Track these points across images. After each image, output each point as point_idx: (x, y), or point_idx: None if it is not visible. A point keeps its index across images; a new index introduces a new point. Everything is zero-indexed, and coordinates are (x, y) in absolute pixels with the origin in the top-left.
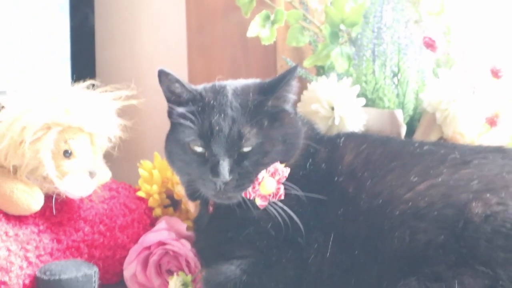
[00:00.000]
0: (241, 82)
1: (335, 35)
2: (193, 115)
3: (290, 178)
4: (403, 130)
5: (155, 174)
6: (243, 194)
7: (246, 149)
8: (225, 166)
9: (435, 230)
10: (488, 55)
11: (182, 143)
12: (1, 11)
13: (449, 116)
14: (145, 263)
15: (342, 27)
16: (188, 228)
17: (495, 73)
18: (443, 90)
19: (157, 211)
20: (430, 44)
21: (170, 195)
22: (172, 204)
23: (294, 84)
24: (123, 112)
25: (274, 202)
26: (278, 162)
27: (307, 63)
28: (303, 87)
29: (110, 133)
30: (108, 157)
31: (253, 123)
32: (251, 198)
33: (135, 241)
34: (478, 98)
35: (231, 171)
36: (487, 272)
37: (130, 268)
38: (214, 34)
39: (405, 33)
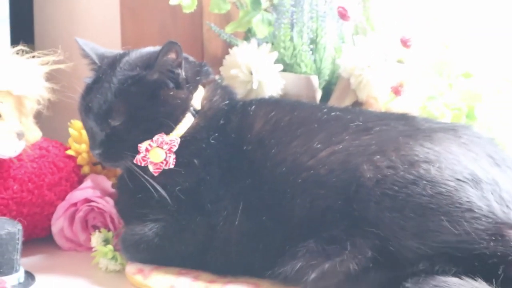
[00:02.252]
0: (143, 52)
1: (256, 2)
2: (84, 88)
3: (190, 149)
4: (318, 95)
5: (84, 133)
6: (135, 161)
7: (115, 123)
8: (95, 139)
9: (334, 196)
10: (404, 23)
11: (79, 112)
12: None
13: (362, 81)
14: (71, 219)
15: None
16: (113, 186)
17: (404, 43)
18: (358, 57)
19: (85, 169)
20: (343, 14)
21: None
22: None
23: (172, 58)
24: (53, 76)
25: (148, 178)
26: (163, 133)
27: (228, 29)
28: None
29: (39, 96)
30: (41, 116)
31: (124, 100)
32: (143, 165)
33: (63, 198)
34: (390, 65)
35: (101, 144)
36: (377, 233)
37: (58, 224)
38: None
39: (323, 1)
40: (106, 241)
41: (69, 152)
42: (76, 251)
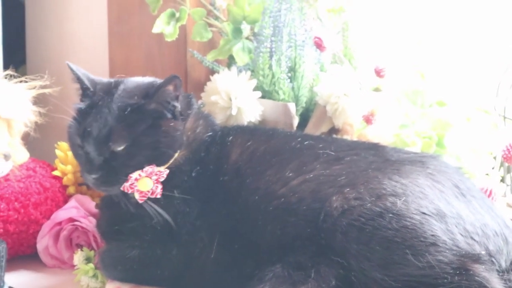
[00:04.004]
0: (138, 81)
1: (237, 31)
2: (79, 113)
3: (174, 180)
4: (295, 122)
5: (70, 155)
6: (122, 189)
7: (116, 149)
8: (93, 164)
9: (303, 224)
10: (380, 53)
11: (69, 137)
12: None
13: (338, 109)
14: (56, 238)
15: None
16: (97, 206)
17: (378, 72)
18: (334, 85)
19: (70, 190)
20: (319, 44)
21: None
22: None
23: (171, 91)
24: (41, 99)
25: (150, 203)
26: (154, 165)
27: (209, 57)
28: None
29: (26, 119)
30: (28, 138)
31: (125, 126)
32: (129, 192)
33: (48, 217)
34: (364, 94)
35: (99, 169)
36: (342, 263)
37: (43, 242)
38: (132, 24)
39: (302, 31)
40: (88, 260)
41: (56, 172)
42: (60, 269)
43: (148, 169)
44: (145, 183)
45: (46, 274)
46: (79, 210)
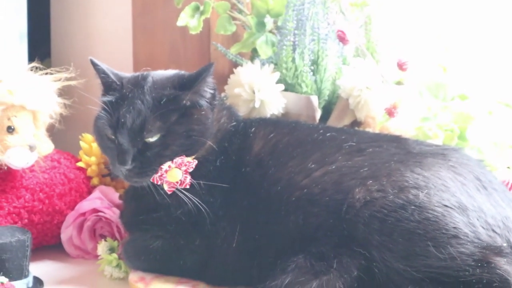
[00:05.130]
0: (164, 74)
1: (261, 25)
2: (110, 105)
3: (201, 171)
4: (318, 114)
5: (94, 146)
6: (151, 180)
7: (149, 139)
8: (127, 155)
9: (325, 215)
10: (403, 46)
11: (98, 129)
12: None
13: (361, 102)
14: (80, 228)
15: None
16: (120, 197)
17: (401, 66)
18: (356, 78)
19: (94, 181)
20: (342, 37)
21: (108, 165)
22: (110, 173)
23: (210, 80)
24: (65, 91)
25: (183, 192)
26: (184, 156)
27: (233, 50)
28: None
29: (51, 111)
30: (53, 130)
31: (159, 117)
32: (159, 183)
33: (72, 208)
34: (387, 87)
35: (133, 160)
36: (364, 253)
37: (67, 232)
38: (156, 18)
39: (325, 24)
40: (112, 250)
41: (80, 164)
42: (84, 259)
43: (178, 160)
44: (175, 174)
45: (70, 264)
46: (103, 201)
